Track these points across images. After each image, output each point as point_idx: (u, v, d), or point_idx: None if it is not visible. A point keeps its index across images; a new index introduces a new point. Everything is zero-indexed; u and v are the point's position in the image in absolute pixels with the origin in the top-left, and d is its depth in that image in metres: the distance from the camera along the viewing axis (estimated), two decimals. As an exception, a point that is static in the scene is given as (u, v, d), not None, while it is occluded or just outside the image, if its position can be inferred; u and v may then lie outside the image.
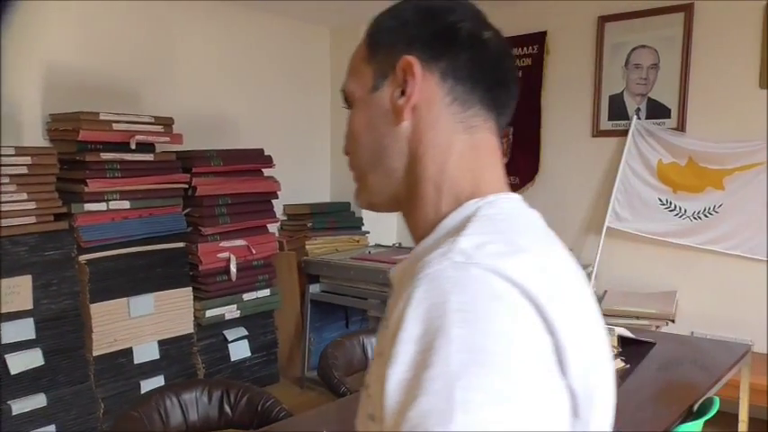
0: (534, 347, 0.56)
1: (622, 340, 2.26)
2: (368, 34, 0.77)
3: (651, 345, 2.37)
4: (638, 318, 3.44)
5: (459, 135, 0.72)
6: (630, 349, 2.26)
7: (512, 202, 0.73)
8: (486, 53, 0.72)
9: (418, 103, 0.71)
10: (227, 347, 3.65)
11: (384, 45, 0.74)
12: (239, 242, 3.68)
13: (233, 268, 3.59)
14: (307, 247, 4.15)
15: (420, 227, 0.72)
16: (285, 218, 4.41)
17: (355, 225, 4.53)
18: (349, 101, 0.78)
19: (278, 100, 4.37)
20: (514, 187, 4.12)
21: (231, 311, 3.63)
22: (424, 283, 0.57)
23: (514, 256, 0.60)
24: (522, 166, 4.14)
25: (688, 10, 3.44)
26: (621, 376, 2.07)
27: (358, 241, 4.43)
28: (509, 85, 0.76)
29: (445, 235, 0.66)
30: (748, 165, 3.30)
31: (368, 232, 4.50)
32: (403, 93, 0.71)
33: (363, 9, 4.48)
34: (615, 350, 2.14)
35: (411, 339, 0.54)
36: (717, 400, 1.74)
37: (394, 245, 4.32)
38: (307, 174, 4.63)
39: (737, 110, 3.34)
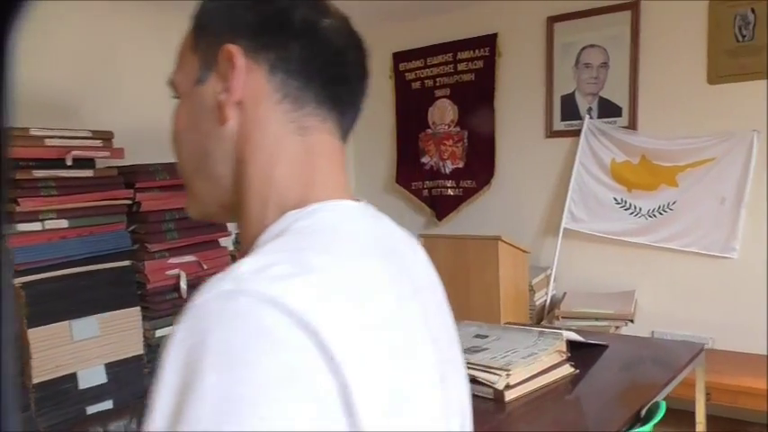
0: (306, 392, 0.46)
1: (574, 344, 2.21)
2: (193, 17, 0.67)
3: (604, 347, 2.32)
4: (597, 319, 3.41)
5: (290, 137, 0.64)
6: (583, 353, 2.20)
7: (337, 212, 0.63)
8: (322, 44, 0.65)
9: (244, 100, 0.62)
10: (180, 368, 3.52)
11: (209, 31, 0.65)
12: (189, 258, 3.57)
13: (183, 285, 3.47)
14: (263, 259, 4.04)
15: (246, 242, 0.64)
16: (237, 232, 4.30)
17: (314, 235, 4.43)
18: (177, 94, 0.69)
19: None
20: (471, 191, 4.09)
21: (186, 330, 3.50)
22: (187, 318, 0.49)
23: (298, 278, 0.50)
24: (477, 171, 4.10)
25: (634, 8, 3.44)
26: (572, 382, 2.01)
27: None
28: (352, 81, 0.69)
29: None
30: (700, 161, 3.29)
31: (327, 242, 4.40)
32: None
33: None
34: (563, 356, 2.08)
35: (168, 389, 0.46)
36: (663, 404, 1.69)
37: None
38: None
39: (687, 106, 3.35)
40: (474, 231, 4.10)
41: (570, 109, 3.73)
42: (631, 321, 3.35)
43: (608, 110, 3.60)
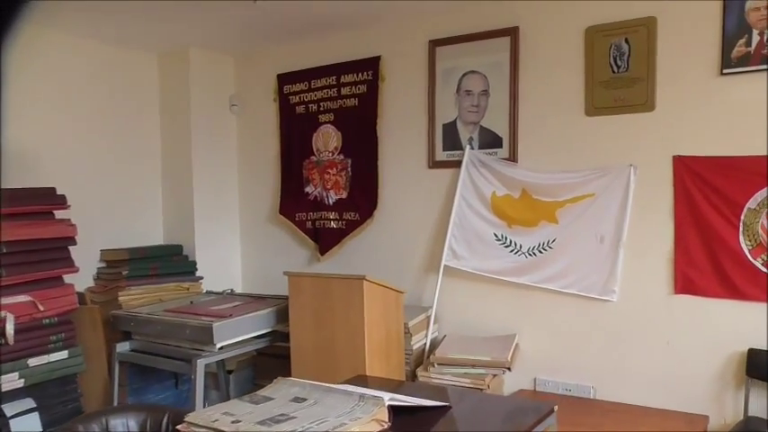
0: None
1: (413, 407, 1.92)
2: None
3: (446, 408, 2.04)
4: (473, 366, 3.14)
5: None
6: (423, 416, 1.93)
7: None
8: None
9: None
10: (7, 424, 3.06)
11: None
12: (22, 298, 3.14)
13: (10, 329, 3.04)
14: (120, 298, 3.64)
15: None
16: (103, 265, 3.89)
17: (187, 270, 4.05)
18: None
19: (98, 132, 3.88)
20: (354, 224, 3.80)
21: (11, 381, 3.06)
22: None
23: None
24: (360, 202, 3.82)
25: (513, 34, 3.26)
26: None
27: (188, 289, 3.95)
28: None
29: None
30: (579, 196, 3.10)
31: (201, 278, 4.03)
32: None
33: (189, 34, 4.00)
34: (383, 425, 1.78)
35: None
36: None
37: (225, 292, 3.87)
38: (136, 214, 4.13)
39: (566, 138, 3.16)
40: (356, 267, 3.82)
41: (452, 138, 3.50)
42: (509, 369, 3.10)
43: (489, 140, 3.39)
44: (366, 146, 3.77)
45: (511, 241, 3.29)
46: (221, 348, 3.15)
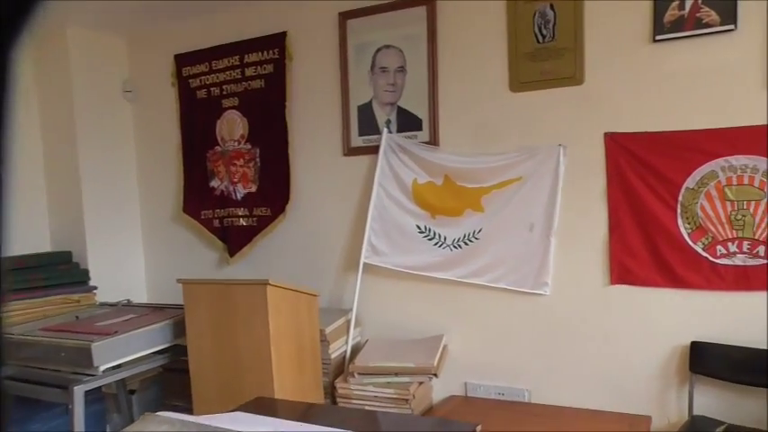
0: None
1: None
2: None
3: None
4: (397, 374, 2.82)
5: None
6: None
7: None
8: None
9: None
10: None
11: None
12: None
13: None
14: (-8, 316, 3.12)
15: None
16: (-25, 278, 3.35)
17: (78, 280, 3.56)
18: None
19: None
20: (266, 220, 3.41)
21: None
22: None
23: None
24: (271, 196, 3.43)
25: (429, 3, 2.92)
26: None
27: (78, 301, 3.46)
28: None
29: None
30: (506, 181, 2.81)
31: (95, 288, 3.55)
32: None
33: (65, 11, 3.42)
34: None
35: None
36: None
37: (120, 303, 3.40)
38: (17, 218, 3.60)
39: (490, 118, 2.85)
40: (270, 268, 3.43)
41: (368, 121, 3.15)
42: (435, 376, 2.79)
43: (408, 122, 3.05)
44: (275, 133, 3.37)
45: (435, 233, 2.97)
46: (106, 371, 2.71)
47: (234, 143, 3.53)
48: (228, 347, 2.70)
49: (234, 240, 3.56)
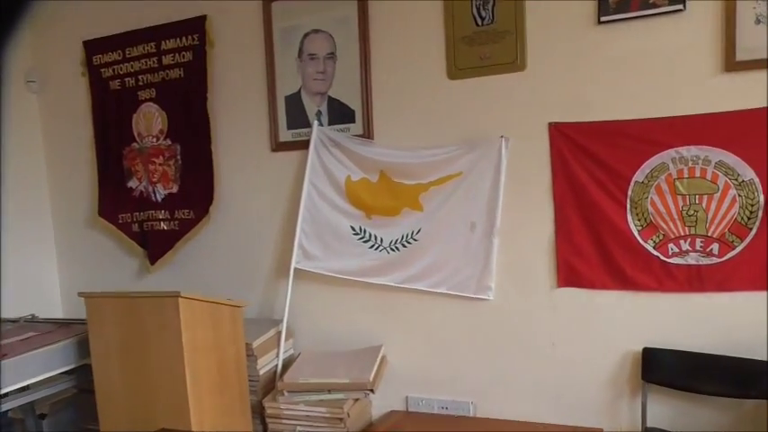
0: None
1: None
2: None
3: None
4: (330, 391, 2.56)
5: None
6: None
7: None
8: None
9: None
10: None
11: None
12: None
13: None
14: None
15: None
16: None
17: (-22, 293, 3.18)
18: None
19: None
20: (189, 224, 3.11)
21: None
22: None
23: None
24: (194, 196, 3.12)
25: (360, -17, 2.67)
26: None
27: (-24, 317, 3.09)
28: None
29: None
30: (445, 177, 2.58)
31: (-4, 301, 3.18)
32: None
33: None
34: None
35: None
36: None
37: (23, 318, 3.04)
38: None
39: (427, 108, 2.62)
40: (194, 277, 3.14)
41: (297, 113, 2.87)
42: (371, 391, 2.54)
43: (340, 114, 2.79)
44: (196, 127, 3.06)
45: (370, 234, 2.72)
46: (5, 395, 2.38)
47: (152, 139, 3.20)
48: (138, 368, 2.39)
49: (155, 246, 3.23)
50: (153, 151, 3.20)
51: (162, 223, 3.21)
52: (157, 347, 2.35)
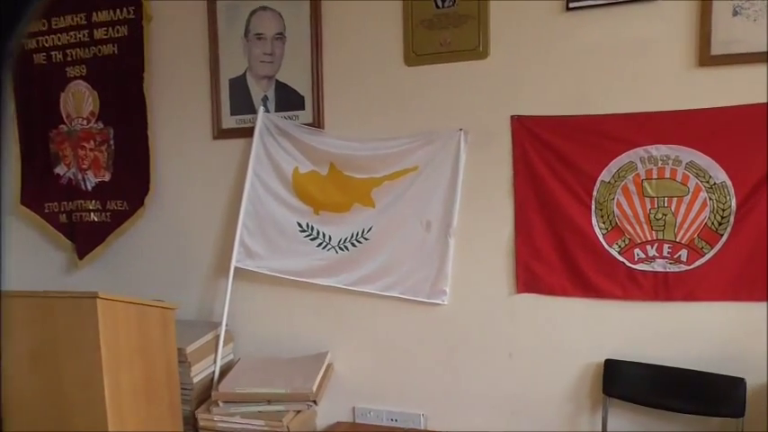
0: None
1: None
2: None
3: None
4: (269, 402, 2.35)
5: None
6: None
7: None
8: None
9: None
10: None
11: None
12: None
13: None
14: None
15: None
16: None
17: None
18: None
19: None
20: (122, 215, 2.85)
21: None
22: None
23: None
24: (129, 186, 2.85)
25: (312, -44, 2.45)
26: None
27: None
28: None
29: None
30: (399, 171, 2.38)
31: None
32: None
33: None
34: None
35: None
36: None
37: (-71, 317, 2.73)
38: None
39: (382, 97, 2.42)
40: (127, 273, 2.88)
41: (242, 98, 2.63)
42: (314, 403, 2.34)
43: (288, 100, 2.57)
44: (131, 110, 2.79)
45: (318, 232, 2.51)
46: None
47: (82, 121, 2.91)
48: (51, 377, 2.13)
49: (84, 239, 2.95)
50: (83, 135, 2.91)
51: (92, 214, 2.92)
52: (73, 354, 2.09)
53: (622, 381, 2.10)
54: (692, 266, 2.03)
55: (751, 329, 1.97)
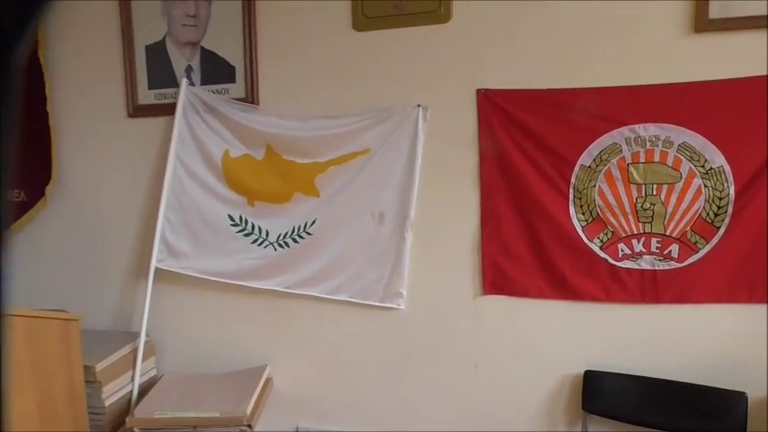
0: None
1: None
2: None
3: None
4: (195, 428, 1.99)
5: None
6: None
7: None
8: None
9: None
10: None
11: None
12: None
13: None
14: None
15: None
16: None
17: None
18: None
19: None
20: (21, 208, 2.41)
21: None
22: None
23: None
24: (26, 174, 2.40)
25: None
26: None
27: None
28: None
29: None
30: (348, 154, 2.04)
31: None
32: None
33: None
34: None
35: None
36: None
37: None
38: None
39: (327, 68, 2.07)
40: (28, 277, 2.44)
41: (161, 68, 2.24)
42: (249, 427, 1.99)
43: (216, 70, 2.19)
44: (26, 84, 2.35)
45: (253, 226, 2.15)
46: None
47: (-30, 97, 2.45)
48: None
49: (-25, 236, 2.51)
50: (-29, 113, 2.46)
51: (-16, 207, 2.48)
52: (-57, 382, 1.69)
53: (604, 395, 1.84)
54: (683, 264, 1.78)
55: (750, 335, 1.73)
